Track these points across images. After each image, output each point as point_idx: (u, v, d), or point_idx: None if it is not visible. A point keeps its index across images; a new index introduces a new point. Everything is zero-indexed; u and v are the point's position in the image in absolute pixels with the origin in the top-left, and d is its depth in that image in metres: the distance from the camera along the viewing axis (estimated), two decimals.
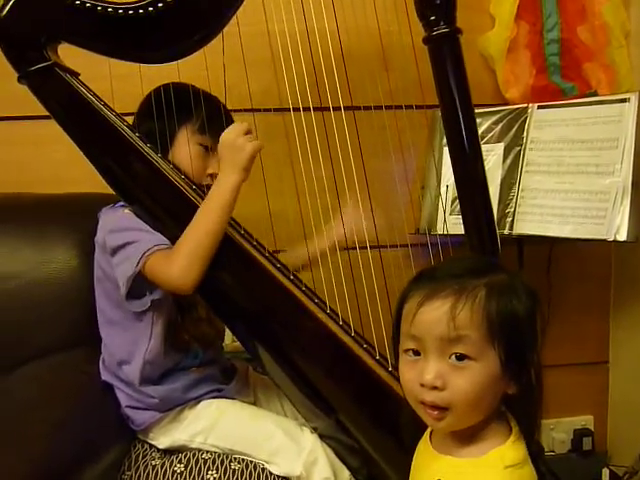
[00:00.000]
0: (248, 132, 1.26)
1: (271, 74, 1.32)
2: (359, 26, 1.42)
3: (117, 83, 1.31)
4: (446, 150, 1.62)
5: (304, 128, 1.29)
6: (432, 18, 1.15)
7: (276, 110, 1.40)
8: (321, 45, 1.29)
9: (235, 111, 1.44)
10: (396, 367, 1.21)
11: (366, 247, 1.33)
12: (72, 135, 1.32)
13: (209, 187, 1.32)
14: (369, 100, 1.42)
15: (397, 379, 1.22)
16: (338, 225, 1.43)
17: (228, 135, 1.26)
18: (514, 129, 1.61)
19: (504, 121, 1.63)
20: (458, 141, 1.19)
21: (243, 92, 1.41)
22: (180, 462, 1.25)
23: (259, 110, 1.42)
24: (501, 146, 1.62)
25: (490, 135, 1.64)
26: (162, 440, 1.29)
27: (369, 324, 1.30)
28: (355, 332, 1.30)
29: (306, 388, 1.25)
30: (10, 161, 1.71)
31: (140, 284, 1.24)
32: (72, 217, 1.53)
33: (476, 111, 1.20)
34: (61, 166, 1.66)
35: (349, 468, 1.24)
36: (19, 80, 1.32)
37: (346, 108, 1.33)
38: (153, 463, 1.25)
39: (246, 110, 1.44)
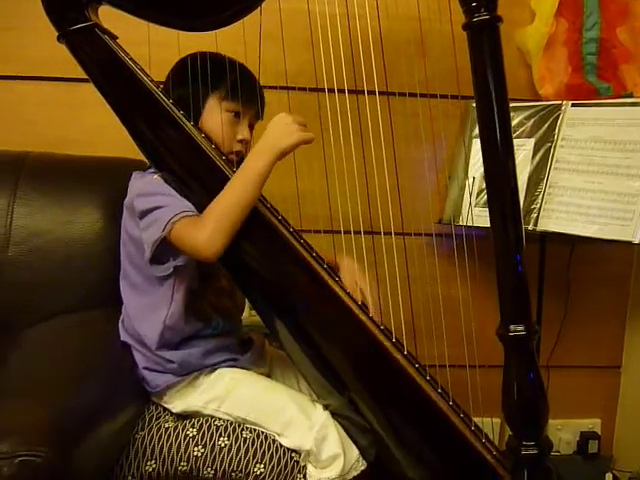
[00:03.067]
0: (304, 125, 1.28)
1: (308, 53, 1.31)
2: (399, 11, 1.41)
3: (155, 50, 1.32)
4: (475, 142, 1.63)
5: (337, 110, 1.29)
6: (473, 4, 1.14)
7: (311, 90, 1.40)
8: (360, 28, 1.29)
9: (270, 88, 1.44)
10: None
11: (390, 233, 1.33)
12: (107, 97, 1.33)
13: (238, 153, 1.37)
14: (404, 87, 1.41)
15: (412, 363, 1.25)
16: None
17: (284, 116, 1.28)
18: (546, 125, 1.60)
19: (536, 117, 1.63)
20: (490, 131, 1.17)
21: (279, 69, 1.41)
22: (193, 427, 1.27)
23: (293, 88, 1.43)
24: (532, 141, 1.61)
25: (521, 130, 1.63)
26: (176, 404, 1.31)
27: (387, 308, 1.32)
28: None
29: (321, 365, 1.25)
30: (44, 121, 1.72)
31: (165, 249, 1.25)
32: (101, 180, 1.55)
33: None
34: (94, 129, 1.67)
35: (358, 447, 1.25)
36: (58, 39, 1.33)
37: (380, 93, 1.32)
38: (166, 426, 1.27)
39: (281, 87, 1.45)
